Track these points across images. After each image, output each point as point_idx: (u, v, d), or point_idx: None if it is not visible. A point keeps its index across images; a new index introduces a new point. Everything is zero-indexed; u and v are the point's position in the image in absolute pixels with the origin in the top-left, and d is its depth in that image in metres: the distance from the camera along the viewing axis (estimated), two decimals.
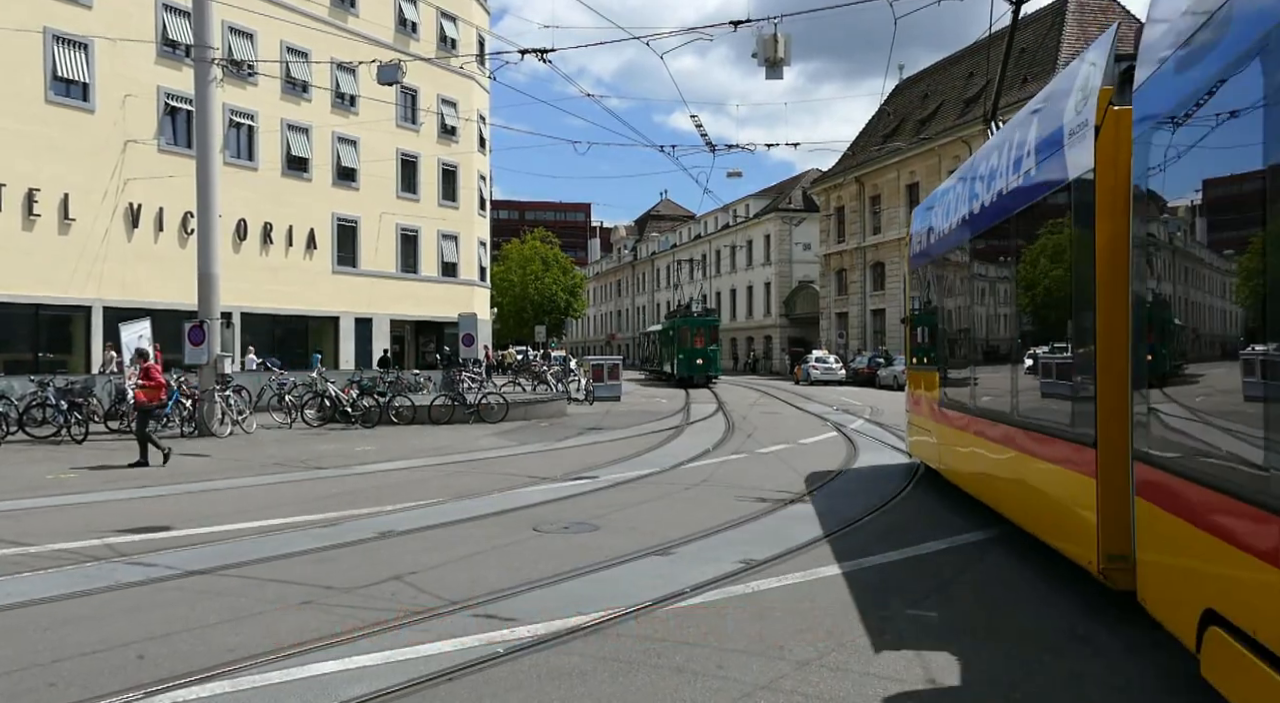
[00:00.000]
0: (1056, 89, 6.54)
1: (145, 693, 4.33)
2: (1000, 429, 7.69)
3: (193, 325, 18.03)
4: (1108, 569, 5.36)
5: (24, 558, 7.27)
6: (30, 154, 23.96)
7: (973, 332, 8.96)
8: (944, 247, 9.98)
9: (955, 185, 9.66)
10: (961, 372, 9.41)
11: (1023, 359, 7.25)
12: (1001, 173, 7.53)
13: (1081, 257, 5.73)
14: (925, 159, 41.82)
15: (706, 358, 39.56)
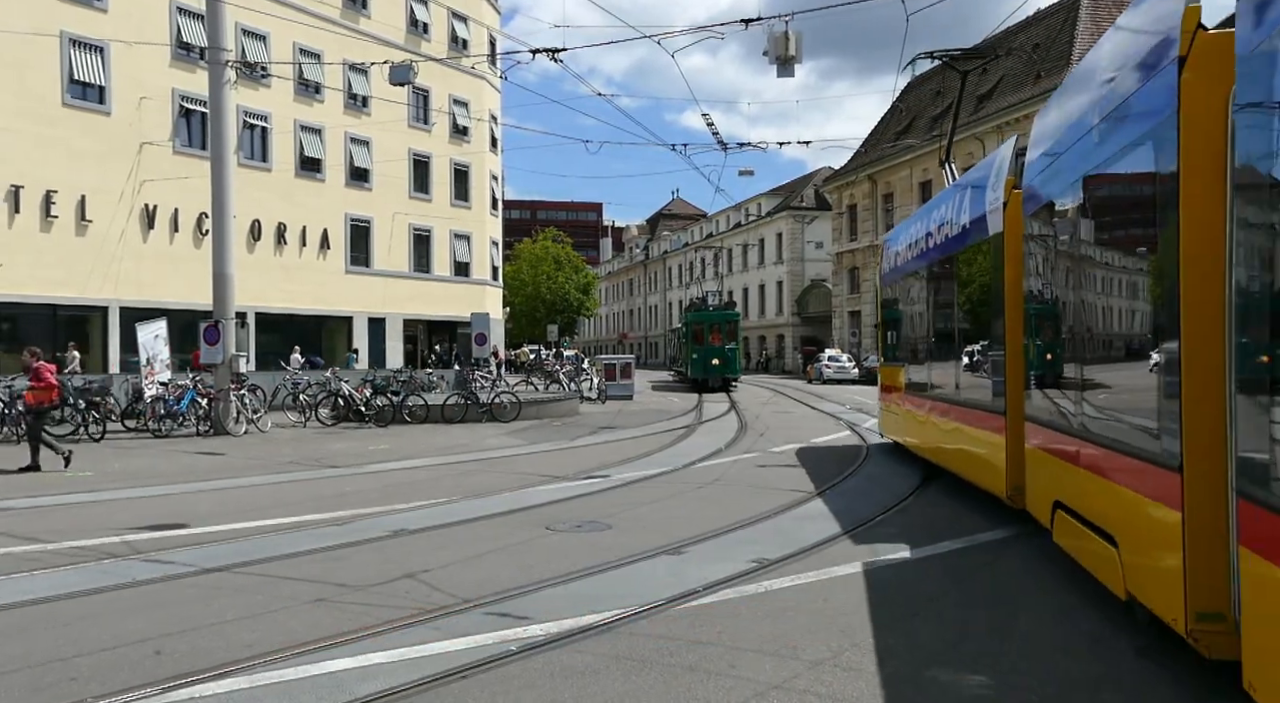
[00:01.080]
0: (980, 172, 9.55)
1: (163, 689, 4.37)
2: (946, 406, 10.60)
3: (208, 325, 18.15)
4: (1012, 495, 8.22)
5: (43, 555, 7.34)
6: (48, 157, 24.16)
7: (926, 336, 11.78)
8: (906, 270, 12.86)
9: (915, 223, 12.75)
10: (919, 366, 12.14)
11: (960, 357, 10.09)
12: (949, 222, 10.43)
13: (996, 286, 8.54)
14: (935, 156, 41.67)
15: (724, 358, 34.68)
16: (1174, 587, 4.41)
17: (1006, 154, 8.68)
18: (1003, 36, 39.49)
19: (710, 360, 34.51)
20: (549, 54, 16.06)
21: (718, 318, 36.06)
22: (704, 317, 36.30)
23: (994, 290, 8.63)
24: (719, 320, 35.88)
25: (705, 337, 35.03)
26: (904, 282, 13.20)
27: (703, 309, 37.32)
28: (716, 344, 34.70)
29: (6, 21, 23.01)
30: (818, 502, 9.88)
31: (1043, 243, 7.21)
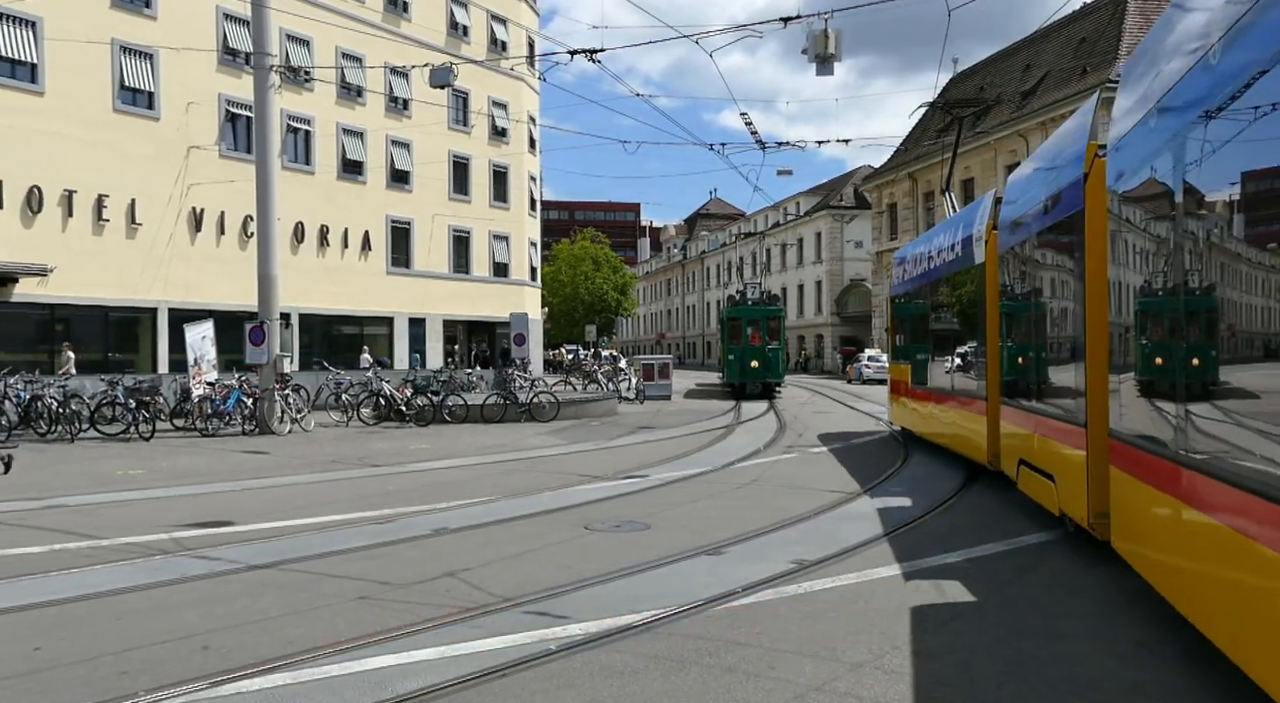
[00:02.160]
0: (971, 213, 11.91)
1: (211, 683, 4.46)
2: (944, 396, 12.96)
3: (253, 326, 18.47)
4: (991, 460, 10.48)
5: (96, 551, 7.53)
6: (99, 162, 24.76)
7: (926, 339, 14.52)
8: (911, 284, 15.53)
9: (920, 245, 15.45)
10: (924, 366, 14.42)
11: (953, 357, 12.55)
12: (946, 248, 12.85)
13: (979, 302, 10.91)
14: (980, 154, 41.08)
15: (765, 359, 30.40)
16: (1082, 499, 6.99)
17: (988, 202, 11.15)
18: (1047, 31, 38.82)
19: (749, 362, 30.36)
20: (587, 55, 16.10)
21: (758, 314, 31.50)
22: (742, 312, 31.79)
23: (978, 305, 11.09)
24: (759, 316, 31.38)
25: (743, 335, 30.88)
26: (909, 294, 15.90)
27: (741, 303, 32.66)
28: (756, 343, 30.46)
29: (61, 30, 23.62)
30: (858, 502, 9.80)
31: (1009, 273, 9.92)
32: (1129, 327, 6.03)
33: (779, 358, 31.10)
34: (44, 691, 4.41)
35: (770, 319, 31.60)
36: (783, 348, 31.91)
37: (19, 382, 17.51)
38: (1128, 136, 5.84)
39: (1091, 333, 6.88)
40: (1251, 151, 3.91)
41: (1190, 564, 4.72)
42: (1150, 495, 5.28)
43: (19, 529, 8.50)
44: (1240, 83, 3.91)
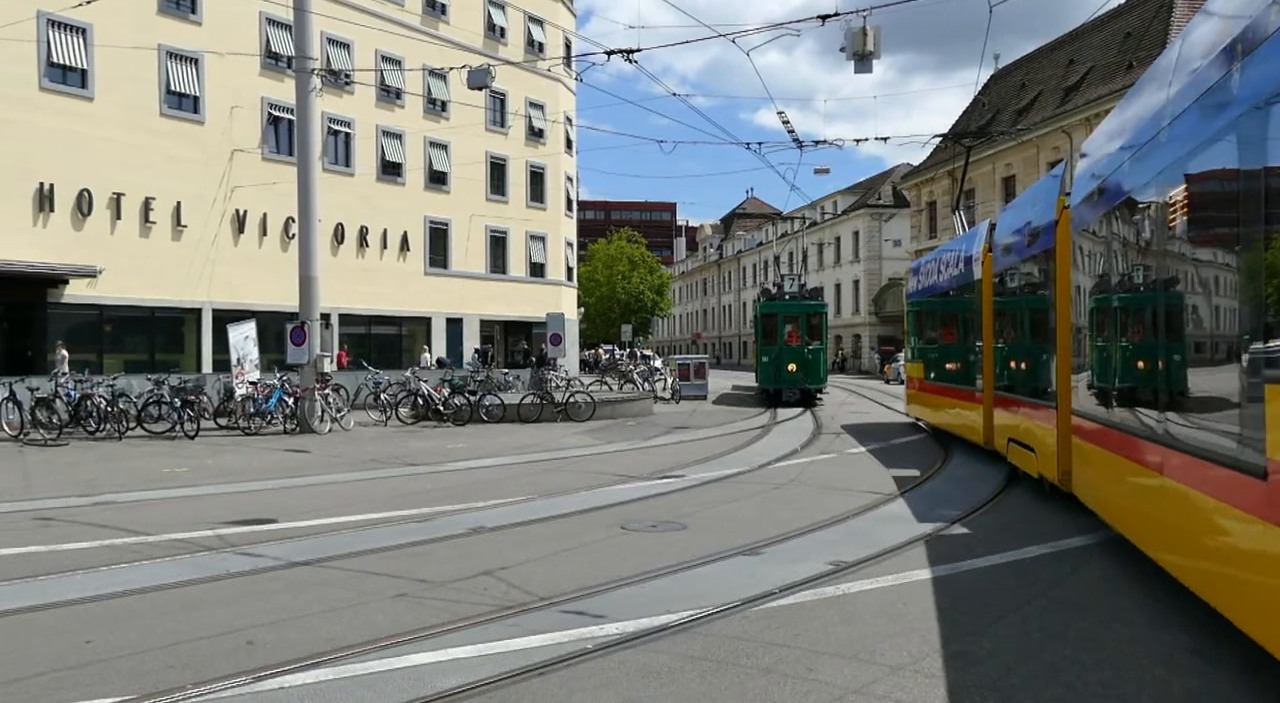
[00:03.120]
0: (972, 236, 14.30)
1: (255, 678, 4.53)
2: (950, 389, 15.33)
3: (294, 326, 18.73)
4: (987, 440, 12.65)
5: (144, 547, 7.69)
6: (147, 165, 25.29)
7: (937, 341, 17.05)
8: (923, 294, 17.97)
9: (931, 260, 17.59)
10: (934, 364, 16.80)
11: (957, 357, 15.02)
12: (952, 264, 15.35)
13: (977, 311, 13.16)
14: (1022, 151, 40.46)
15: (804, 363, 26.27)
16: (1053, 463, 9.24)
17: (984, 228, 13.38)
18: (1092, 26, 38.15)
19: (785, 365, 26.36)
20: (624, 55, 16.11)
21: (796, 309, 27.18)
22: (778, 307, 27.40)
23: (976, 314, 13.42)
24: (798, 312, 27.10)
25: (778, 333, 26.80)
26: (921, 302, 18.41)
27: (777, 297, 28.35)
28: (794, 344, 26.38)
29: (110, 36, 24.17)
30: (896, 504, 9.71)
31: (1001, 289, 12.17)
32: (1084, 335, 8.15)
33: (821, 360, 26.68)
34: (95, 683, 4.52)
35: (811, 315, 27.23)
36: (825, 349, 27.21)
37: (70, 381, 17.93)
38: (1082, 199, 8.19)
39: (1060, 340, 9.25)
40: (1144, 221, 6.31)
41: (1116, 490, 7.05)
42: (1093, 451, 7.77)
43: (71, 525, 8.71)
44: (1138, 181, 6.32)
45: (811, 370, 26.47)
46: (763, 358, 27.58)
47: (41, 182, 23.30)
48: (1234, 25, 4.60)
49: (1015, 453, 11.15)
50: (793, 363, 26.41)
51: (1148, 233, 6.21)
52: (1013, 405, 11.33)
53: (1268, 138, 4.04)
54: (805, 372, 26.41)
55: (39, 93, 23.40)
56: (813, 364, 26.51)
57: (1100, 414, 7.44)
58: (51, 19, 23.37)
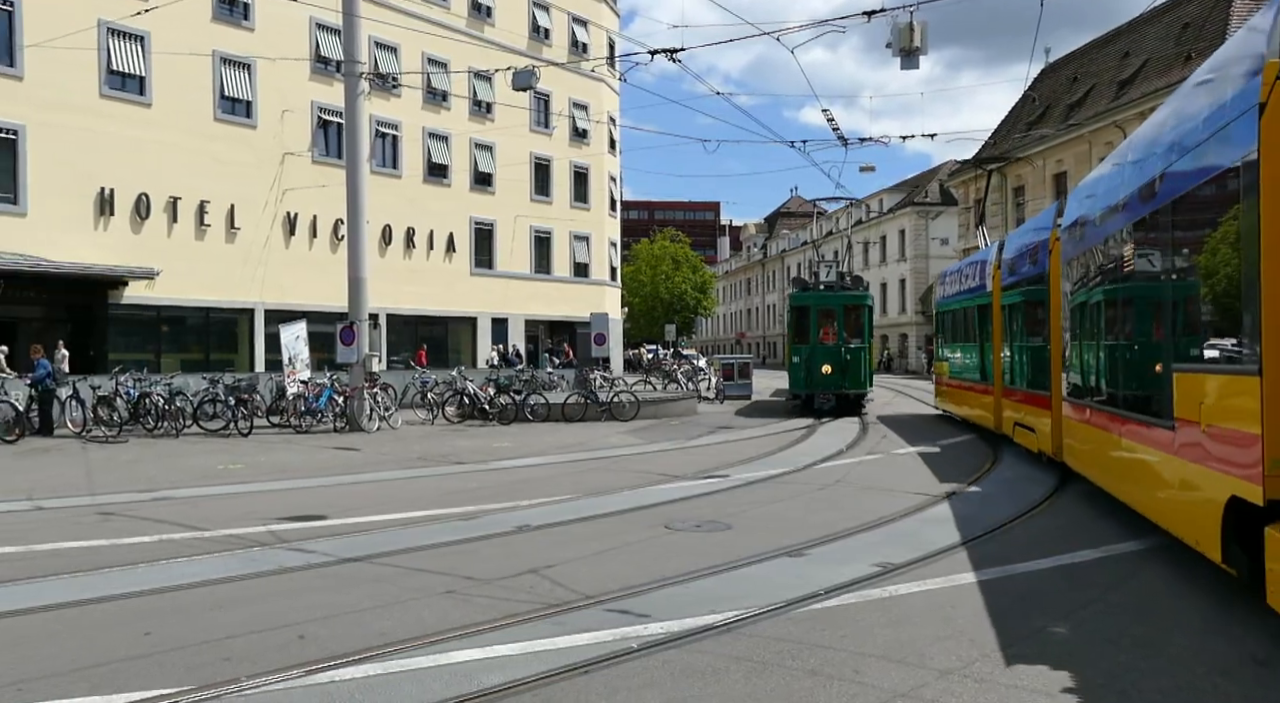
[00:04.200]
0: (986, 253, 16.90)
1: (306, 671, 4.62)
2: (969, 384, 17.79)
3: (343, 326, 19.04)
4: (997, 426, 15.07)
5: (200, 542, 7.88)
6: (202, 169, 25.90)
7: (959, 344, 19.20)
8: (947, 302, 20.89)
9: (952, 274, 20.83)
10: (958, 362, 19.15)
11: (974, 357, 17.11)
12: (969, 277, 18.10)
13: (988, 321, 15.89)
14: (1074, 146, 39.63)
15: (842, 364, 22.30)
16: (1049, 440, 11.35)
17: (995, 248, 15.97)
18: (1148, 17, 37.24)
19: (818, 367, 22.33)
20: (667, 54, 16.12)
21: (833, 302, 23.14)
22: (811, 299, 23.44)
23: (987, 321, 16.06)
24: (835, 305, 23.02)
25: (811, 330, 22.75)
26: (946, 310, 21.14)
27: (811, 288, 24.36)
28: (829, 342, 22.48)
29: (167, 44, 24.79)
30: (944, 506, 9.58)
31: (1007, 301, 14.61)
32: (1068, 340, 10.58)
33: (863, 361, 22.65)
34: (155, 673, 4.64)
35: (851, 308, 23.07)
36: (868, 347, 23.10)
37: (129, 380, 18.44)
38: (1067, 234, 10.62)
39: (1053, 345, 11.49)
40: (1106, 260, 8.69)
41: (1091, 451, 9.39)
42: (1076, 426, 10.09)
43: (131, 520, 8.96)
44: (1101, 233, 8.79)
45: (851, 373, 22.40)
46: (793, 358, 23.48)
47: (102, 186, 23.98)
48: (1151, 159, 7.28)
49: (1020, 434, 13.61)
50: (827, 364, 22.33)
51: (1109, 267, 8.69)
52: (1017, 397, 13.90)
53: (1174, 224, 6.63)
54: (843, 374, 22.34)
55: (100, 100, 24.09)
56: (852, 365, 22.43)
57: (1080, 400, 9.86)
58: (112, 27, 24.04)
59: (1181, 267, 6.55)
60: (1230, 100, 5.46)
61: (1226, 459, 5.52)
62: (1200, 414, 5.92)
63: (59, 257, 22.78)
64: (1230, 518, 5.53)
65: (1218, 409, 5.68)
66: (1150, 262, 7.31)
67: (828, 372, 22.28)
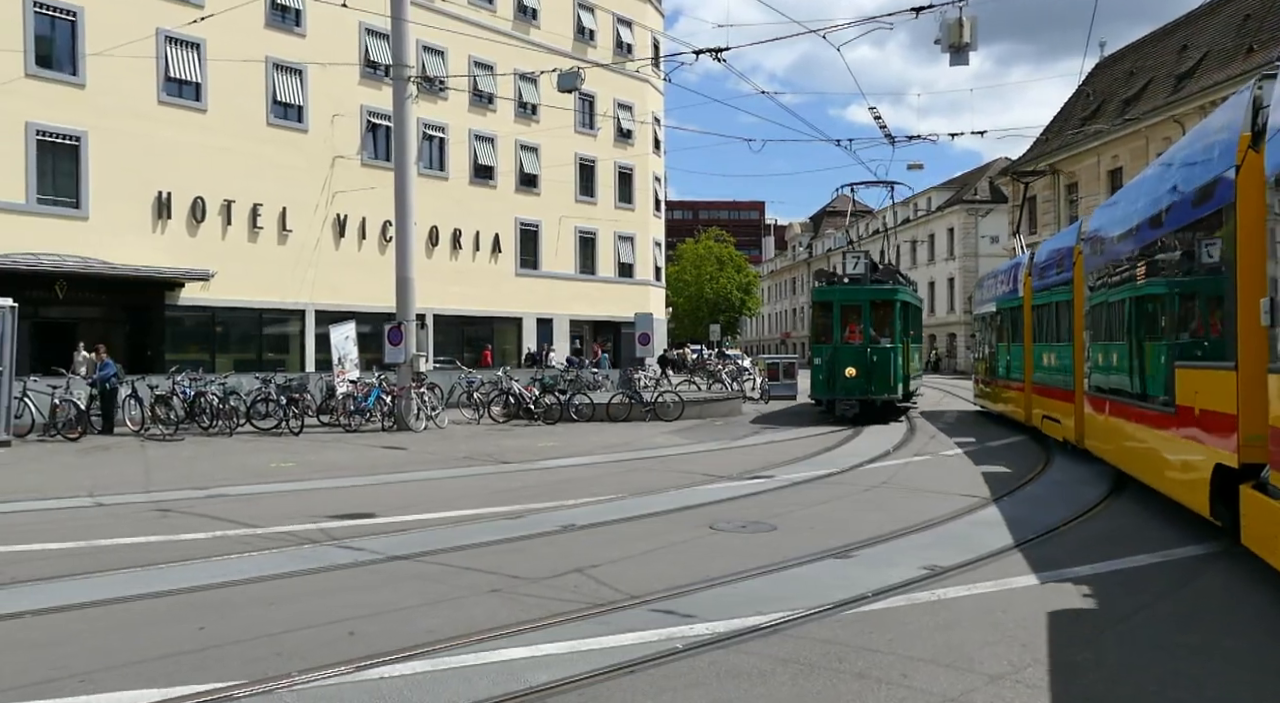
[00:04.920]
0: (1018, 262, 18.56)
1: (357, 667, 4.69)
2: (1003, 382, 19.27)
3: (392, 326, 19.31)
4: (1027, 419, 16.79)
5: (253, 539, 8.05)
6: (255, 173, 26.46)
7: (994, 344, 20.81)
8: (984, 305, 22.76)
9: (990, 279, 22.31)
10: (995, 362, 20.54)
11: (1007, 358, 18.67)
12: (1003, 283, 19.71)
13: (1020, 323, 17.50)
14: (1130, 141, 38.69)
15: (866, 366, 19.62)
16: (1073, 430, 13.07)
17: (1026, 257, 17.57)
18: (1208, 9, 36.26)
19: (840, 370, 19.73)
20: (712, 54, 16.08)
21: (857, 296, 20.42)
22: (832, 294, 20.79)
23: (1020, 326, 17.47)
24: (859, 300, 20.33)
25: (834, 329, 20.23)
26: (983, 313, 22.99)
27: (835, 282, 21.73)
28: (855, 342, 19.86)
29: (221, 51, 25.37)
30: (994, 508, 9.42)
31: (1037, 306, 16.24)
32: (1089, 341, 11.99)
33: (893, 363, 19.87)
34: (209, 667, 4.75)
35: (879, 304, 20.50)
36: (900, 348, 20.41)
37: (185, 379, 18.90)
38: (1088, 249, 12.25)
39: (1076, 345, 13.05)
40: (1120, 274, 10.32)
41: (1108, 436, 10.84)
42: (1096, 416, 11.46)
43: (186, 516, 9.18)
44: (1115, 252, 10.47)
45: (878, 376, 19.66)
46: (814, 360, 21.00)
47: (160, 190, 24.61)
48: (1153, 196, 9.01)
49: (1047, 425, 15.07)
50: (851, 366, 19.65)
51: (1123, 280, 10.20)
52: (1045, 392, 15.35)
53: (1175, 249, 8.24)
54: (868, 378, 19.61)
55: (157, 106, 24.73)
56: (879, 368, 19.68)
57: (1099, 393, 11.27)
58: (169, 35, 24.66)
59: (1181, 282, 8.13)
60: (1216, 160, 7.15)
61: (1213, 435, 7.09)
62: (1194, 401, 7.51)
63: (118, 259, 23.45)
64: (1216, 482, 7.08)
65: (1206, 396, 7.24)
66: (1156, 277, 8.89)
67: (851, 375, 19.68)
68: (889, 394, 19.89)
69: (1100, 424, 11.24)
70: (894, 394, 20.01)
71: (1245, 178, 6.55)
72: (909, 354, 21.61)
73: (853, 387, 19.68)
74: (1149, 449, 9.03)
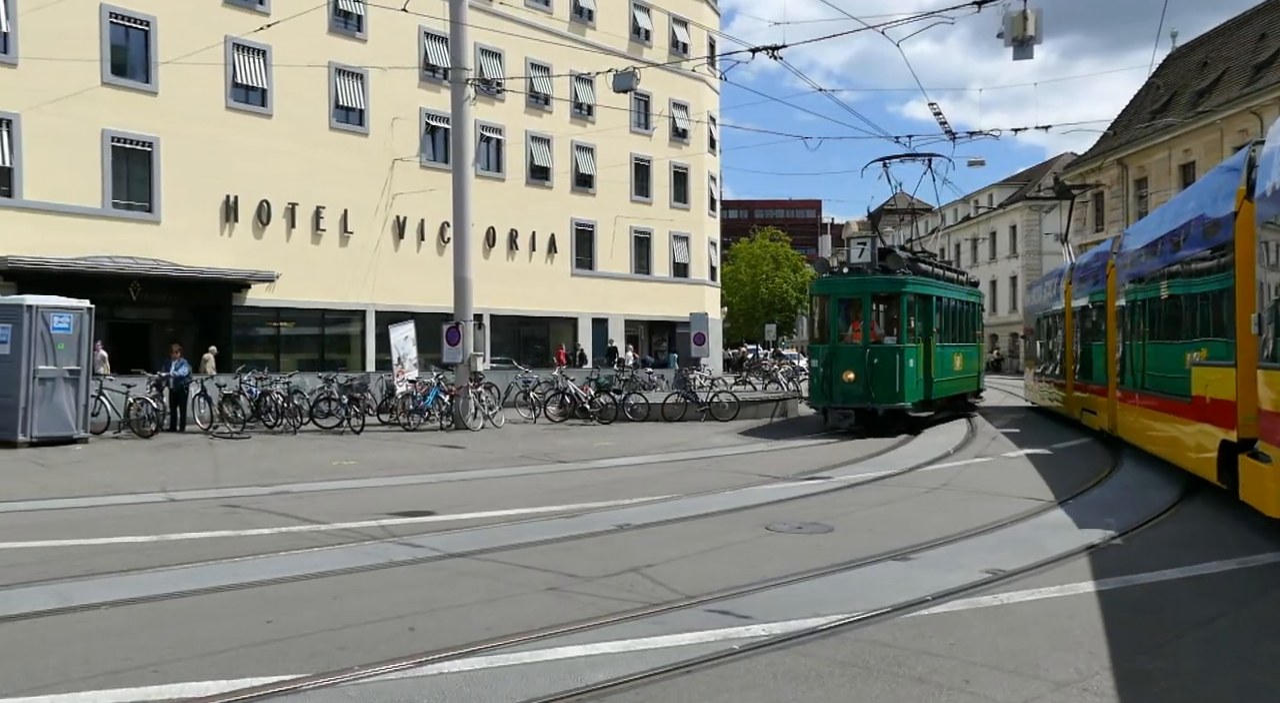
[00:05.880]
0: (1060, 271, 20.97)
1: (417, 663, 4.76)
2: (1048, 378, 21.38)
3: (450, 326, 19.57)
4: (1069, 413, 18.69)
5: (317, 535, 8.22)
6: (318, 176, 27.06)
7: (1042, 346, 22.72)
8: (1034, 309, 24.86)
9: (1039, 286, 25.21)
10: (1040, 360, 22.91)
11: (1060, 356, 19.59)
12: (1049, 289, 22.14)
13: (1063, 328, 19.40)
14: (1204, 135, 37.42)
15: (865, 369, 17.10)
16: (1107, 420, 14.95)
17: (1068, 267, 19.54)
18: None
19: (839, 374, 17.32)
20: (768, 52, 15.97)
21: (858, 289, 17.91)
22: (830, 287, 18.41)
23: (1061, 327, 19.42)
24: (859, 293, 17.88)
25: (832, 328, 17.95)
26: (1032, 315, 25.70)
27: (837, 274, 18.92)
28: (854, 341, 17.48)
29: (287, 57, 25.99)
30: (1059, 511, 9.19)
31: (1076, 311, 18.01)
32: (1121, 343, 13.78)
33: (898, 366, 17.10)
34: (276, 659, 4.87)
35: (883, 298, 18.15)
36: (918, 347, 17.91)
37: (252, 379, 19.40)
38: (1120, 263, 14.02)
39: (1109, 346, 14.79)
40: (1148, 286, 12.06)
41: (1137, 424, 12.72)
42: (1127, 408, 13.33)
43: (254, 512, 9.42)
44: (1143, 267, 12.39)
45: (879, 381, 17.02)
46: (811, 362, 18.80)
47: (228, 194, 25.31)
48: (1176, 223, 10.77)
49: (1086, 417, 16.94)
50: (849, 370, 17.20)
51: (1149, 292, 11.95)
52: (1084, 388, 17.11)
53: (1191, 270, 9.99)
54: (868, 384, 17.03)
55: (225, 112, 25.44)
56: (880, 372, 17.05)
57: (1128, 387, 13.37)
58: (237, 43, 25.34)
59: (1195, 297, 9.89)
60: (1221, 204, 8.99)
61: (1218, 417, 8.89)
62: (1206, 392, 9.37)
63: (187, 261, 24.17)
64: (1221, 455, 8.86)
65: (1214, 387, 9.05)
66: (1176, 291, 10.68)
67: (849, 380, 17.15)
68: (891, 402, 17.05)
69: (1130, 413, 13.25)
70: (900, 402, 17.10)
71: (1241, 222, 8.27)
72: (929, 355, 18.34)
73: (849, 394, 17.23)
74: (1170, 432, 11.01)
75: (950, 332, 20.45)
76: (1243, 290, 8.18)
